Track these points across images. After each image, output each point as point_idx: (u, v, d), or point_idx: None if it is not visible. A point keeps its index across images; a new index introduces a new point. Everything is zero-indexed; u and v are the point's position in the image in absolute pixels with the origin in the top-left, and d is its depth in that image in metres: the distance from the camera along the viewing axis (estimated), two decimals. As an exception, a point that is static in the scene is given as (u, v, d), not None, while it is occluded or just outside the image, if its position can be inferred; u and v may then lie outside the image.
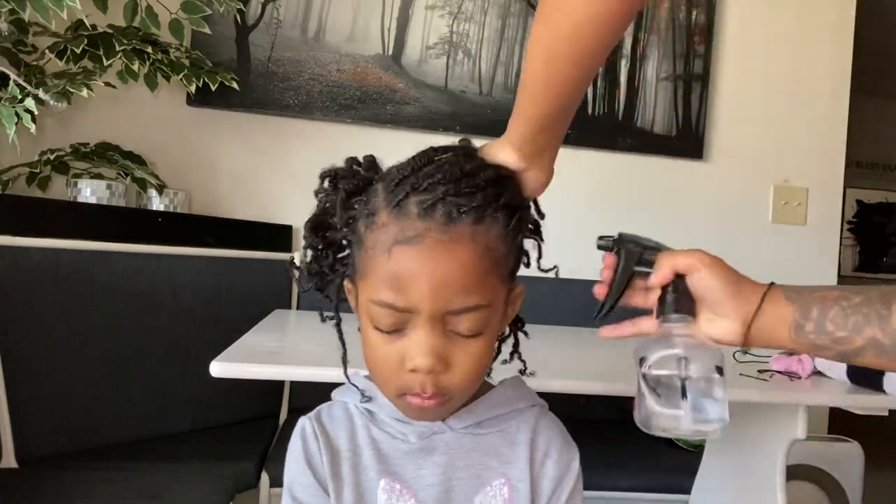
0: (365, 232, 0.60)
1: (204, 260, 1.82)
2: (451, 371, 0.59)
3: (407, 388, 0.60)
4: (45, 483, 1.33)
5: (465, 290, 0.57)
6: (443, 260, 0.57)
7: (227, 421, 1.81)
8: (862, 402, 1.08)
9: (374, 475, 0.65)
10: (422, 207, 0.57)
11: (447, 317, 0.58)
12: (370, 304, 0.59)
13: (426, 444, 0.66)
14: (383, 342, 0.60)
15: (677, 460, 1.74)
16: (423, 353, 0.58)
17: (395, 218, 0.58)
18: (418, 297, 0.57)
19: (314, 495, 0.64)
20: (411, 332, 0.58)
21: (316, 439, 0.66)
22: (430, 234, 0.57)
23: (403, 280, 0.57)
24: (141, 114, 2.06)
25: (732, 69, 2.37)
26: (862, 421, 1.14)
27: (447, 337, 0.59)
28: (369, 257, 0.59)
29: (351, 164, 0.66)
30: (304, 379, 0.96)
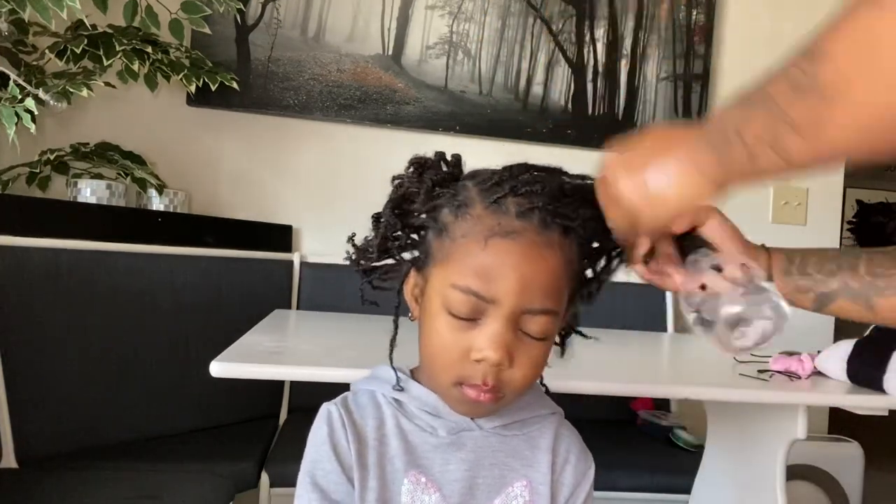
0: (454, 221, 0.63)
1: (204, 260, 1.82)
2: (513, 369, 0.61)
3: (467, 378, 0.61)
4: (45, 483, 1.33)
5: (546, 293, 0.61)
6: (534, 260, 0.60)
7: (227, 421, 1.81)
8: (862, 402, 1.08)
9: (400, 466, 0.65)
10: (521, 209, 0.61)
11: (523, 315, 0.60)
12: (449, 289, 0.61)
13: (455, 439, 0.66)
14: (452, 329, 0.61)
15: (677, 460, 1.74)
16: (495, 346, 0.59)
17: (491, 212, 0.61)
18: (504, 291, 0.59)
19: (337, 482, 0.63)
20: (485, 323, 0.60)
21: (343, 427, 0.65)
22: (527, 234, 0.60)
23: (494, 271, 0.59)
24: (141, 114, 2.06)
25: (732, 69, 2.37)
26: (862, 421, 1.14)
27: (516, 335, 0.61)
28: (458, 245, 0.62)
29: (439, 158, 0.68)
30: (304, 379, 0.96)
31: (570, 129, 2.25)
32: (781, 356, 1.20)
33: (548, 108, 2.24)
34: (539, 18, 2.24)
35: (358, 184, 2.14)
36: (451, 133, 2.17)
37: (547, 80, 2.25)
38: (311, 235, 2.16)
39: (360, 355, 0.81)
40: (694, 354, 1.63)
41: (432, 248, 0.64)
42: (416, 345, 0.66)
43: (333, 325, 1.62)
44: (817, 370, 1.17)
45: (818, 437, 2.08)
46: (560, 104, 2.25)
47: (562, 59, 2.26)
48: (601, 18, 2.27)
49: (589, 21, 2.26)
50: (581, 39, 2.27)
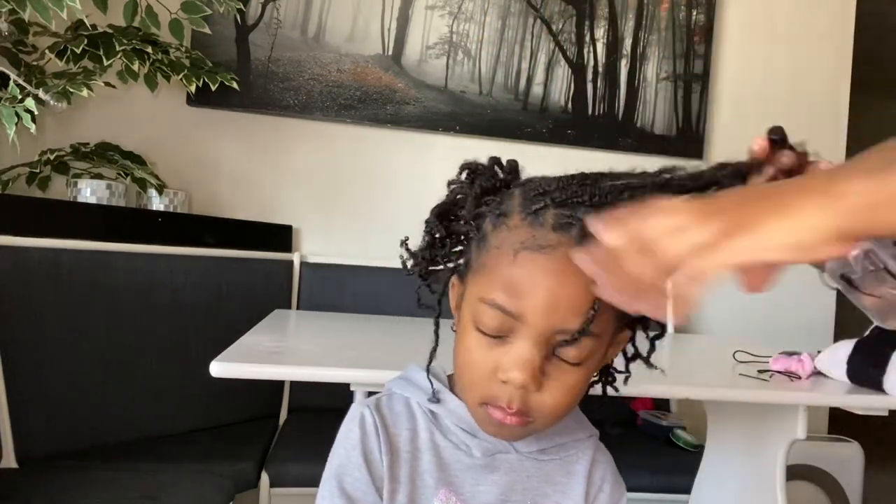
0: (492, 230, 0.59)
1: (204, 260, 1.82)
2: (542, 394, 0.57)
3: (492, 399, 0.58)
4: (45, 483, 1.33)
5: (578, 315, 0.55)
6: (568, 276, 0.54)
7: (227, 421, 1.81)
8: (862, 402, 1.08)
9: (431, 482, 0.63)
10: (559, 221, 0.55)
11: (554, 336, 0.56)
12: (478, 302, 0.57)
13: (489, 461, 0.64)
14: (480, 346, 0.58)
15: (677, 460, 1.74)
16: (520, 367, 0.55)
17: (528, 224, 0.56)
18: (532, 308, 0.55)
19: (365, 492, 0.61)
20: (513, 342, 0.56)
21: (377, 434, 0.63)
22: (562, 249, 0.54)
23: (522, 286, 0.55)
24: (141, 114, 2.06)
25: (732, 69, 2.37)
26: (862, 421, 1.14)
27: (548, 358, 0.57)
28: (491, 256, 0.58)
29: (493, 164, 0.64)
30: (304, 379, 0.96)
31: (570, 129, 2.25)
32: (781, 356, 1.20)
33: (548, 108, 2.24)
34: (539, 18, 2.24)
35: (358, 184, 2.14)
36: (451, 133, 2.17)
37: (547, 80, 2.25)
38: (311, 235, 2.16)
39: (360, 355, 0.81)
40: (694, 354, 1.63)
41: (471, 257, 0.61)
42: (448, 351, 0.63)
43: (333, 325, 1.62)
44: (817, 370, 1.17)
45: (818, 437, 2.08)
46: (560, 104, 2.25)
47: (562, 59, 2.26)
48: (601, 18, 2.27)
49: (589, 21, 2.26)
50: (581, 39, 2.27)
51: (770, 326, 2.31)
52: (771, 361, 1.20)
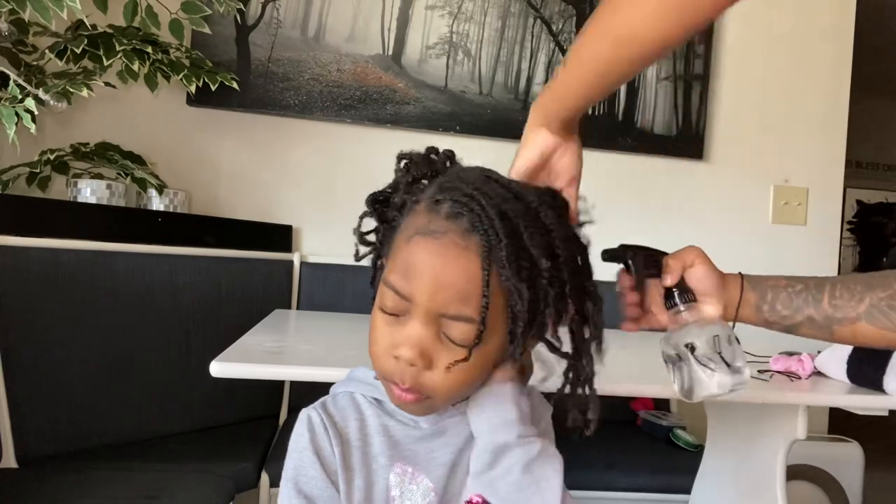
0: (404, 216, 0.64)
1: (204, 260, 1.82)
2: (432, 371, 0.60)
3: (388, 375, 0.62)
4: (45, 483, 1.33)
5: (462, 299, 0.58)
6: (451, 262, 0.58)
7: (227, 421, 1.81)
8: (862, 402, 1.08)
9: (385, 461, 0.65)
10: (452, 210, 0.59)
11: (442, 319, 0.59)
12: (382, 284, 0.62)
13: (437, 428, 0.67)
14: (383, 324, 0.62)
15: (677, 460, 1.74)
16: (408, 345, 0.59)
17: (427, 211, 0.61)
18: (419, 290, 0.59)
19: (321, 487, 0.64)
20: (406, 322, 0.60)
21: (325, 430, 0.65)
22: (449, 235, 0.59)
23: (412, 269, 0.59)
24: (141, 114, 2.06)
25: (732, 69, 2.37)
26: (862, 421, 1.14)
27: (438, 337, 0.60)
28: (395, 240, 0.63)
29: (428, 153, 0.68)
30: (304, 379, 0.96)
31: (570, 129, 2.25)
32: (781, 356, 1.20)
33: (548, 108, 2.24)
34: (539, 18, 2.24)
35: (358, 184, 2.12)
36: (451, 133, 2.17)
37: (547, 80, 2.24)
38: (311, 235, 2.16)
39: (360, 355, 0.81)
40: (694, 354, 1.62)
41: (390, 240, 0.66)
42: None
43: (333, 325, 1.62)
44: (817, 370, 1.17)
45: (818, 437, 2.08)
46: (560, 104, 2.25)
47: (562, 59, 2.25)
48: (601, 18, 2.27)
49: (589, 21, 2.26)
50: (581, 39, 2.26)
51: (770, 326, 2.31)
52: (771, 361, 1.20)
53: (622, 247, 0.79)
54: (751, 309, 0.80)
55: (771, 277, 0.80)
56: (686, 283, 0.77)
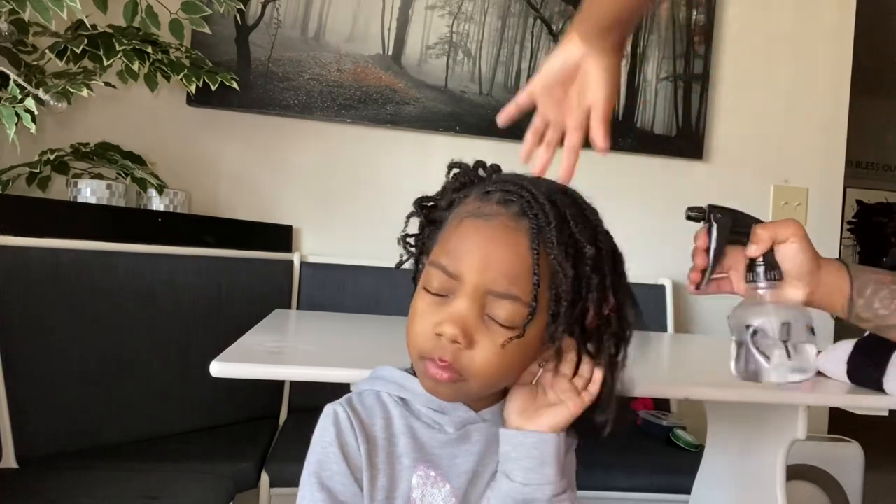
0: (452, 210, 0.66)
1: (204, 260, 1.82)
2: (472, 350, 0.61)
3: (427, 352, 0.62)
4: (45, 483, 1.33)
5: (511, 277, 0.60)
6: (502, 242, 0.61)
7: (227, 421, 1.81)
8: (862, 402, 1.08)
9: (409, 463, 0.65)
10: (503, 197, 0.63)
11: (488, 297, 0.60)
12: (428, 266, 0.64)
13: (462, 433, 0.67)
14: (426, 305, 0.63)
15: (677, 460, 1.74)
16: (452, 321, 0.60)
17: (477, 199, 0.64)
18: (468, 267, 0.60)
19: (345, 483, 0.63)
20: (452, 301, 0.61)
21: (351, 427, 0.65)
22: (500, 218, 0.62)
23: (462, 248, 0.61)
24: (141, 114, 2.06)
25: (732, 69, 2.37)
26: (862, 421, 1.14)
27: (481, 318, 0.61)
28: (446, 228, 0.65)
29: (477, 166, 0.70)
30: (304, 379, 0.96)
31: (570, 129, 2.25)
32: (781, 356, 1.20)
33: (548, 108, 2.24)
34: (539, 18, 2.24)
35: (358, 184, 2.14)
36: (451, 133, 2.17)
37: (547, 80, 2.24)
38: (311, 235, 2.16)
39: (360, 355, 0.81)
40: (694, 354, 1.63)
41: (436, 235, 0.67)
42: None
43: (333, 325, 1.62)
44: (817, 370, 1.17)
45: (818, 437, 2.08)
46: (560, 104, 2.25)
47: None
48: (601, 18, 2.27)
49: (589, 21, 2.26)
50: (581, 39, 2.26)
51: (770, 326, 2.31)
52: (771, 361, 1.20)
53: (710, 206, 0.76)
54: (842, 300, 0.73)
55: (874, 271, 0.74)
56: (775, 259, 0.72)
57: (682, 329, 2.27)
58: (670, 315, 2.21)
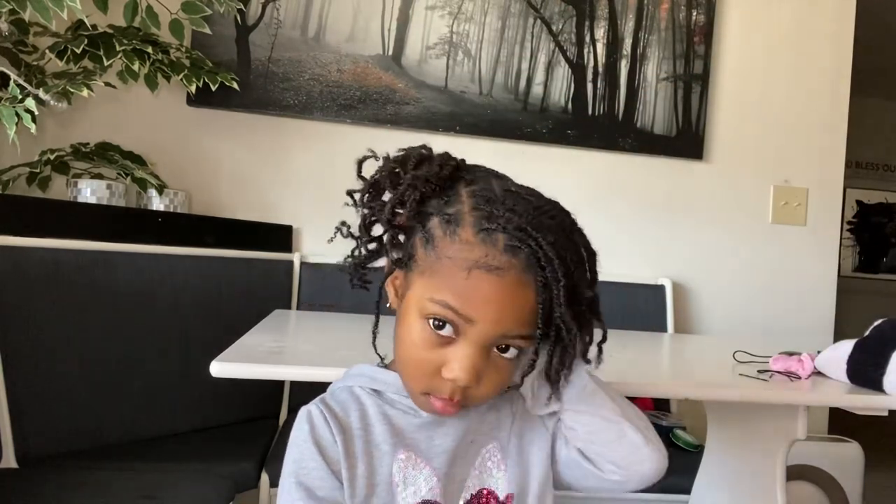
0: (442, 236, 0.63)
1: (204, 260, 1.82)
2: (479, 386, 0.64)
3: (435, 391, 0.64)
4: (45, 483, 1.33)
5: (523, 323, 0.63)
6: (516, 297, 0.61)
7: (227, 421, 1.81)
8: (862, 402, 1.07)
9: (388, 448, 0.67)
10: (508, 244, 0.61)
11: (497, 339, 0.63)
12: (429, 301, 0.62)
13: (436, 417, 0.69)
14: (427, 343, 0.63)
15: (677, 460, 1.72)
16: (465, 369, 0.62)
17: (480, 241, 0.62)
18: (481, 317, 0.61)
19: (322, 477, 0.65)
20: (459, 344, 0.62)
21: (325, 421, 0.67)
22: (512, 273, 0.61)
23: (475, 298, 0.61)
24: (141, 114, 2.06)
25: (732, 69, 2.37)
26: (862, 421, 1.14)
27: (487, 357, 0.63)
28: (443, 265, 0.63)
29: (422, 160, 0.69)
30: (304, 379, 0.96)
31: (570, 129, 2.25)
32: (781, 356, 1.20)
33: (548, 108, 2.24)
34: (539, 18, 2.24)
35: (358, 184, 2.13)
36: (451, 133, 2.17)
37: (547, 80, 2.25)
38: (311, 235, 2.16)
39: (360, 355, 0.81)
40: (694, 354, 1.63)
41: (417, 255, 0.66)
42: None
43: (333, 325, 1.62)
44: (817, 370, 1.17)
45: (818, 437, 2.08)
46: (560, 104, 2.25)
47: (562, 59, 2.26)
48: (601, 18, 2.27)
49: (589, 21, 2.27)
50: (581, 39, 2.27)
51: (770, 326, 2.31)
52: (771, 361, 1.20)
53: None
54: None
55: None
56: None
57: (682, 329, 2.27)
58: (670, 315, 2.21)
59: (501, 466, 0.71)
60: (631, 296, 2.19)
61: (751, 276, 2.35)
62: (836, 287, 2.40)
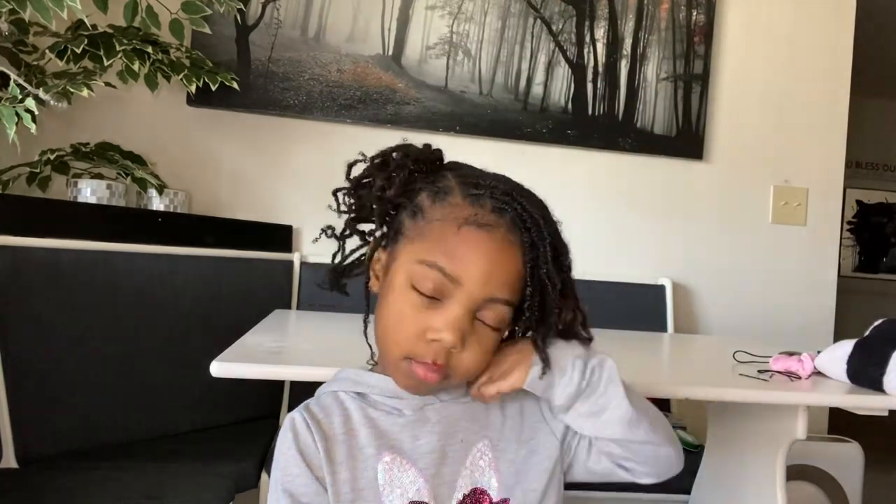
0: (431, 204, 0.66)
1: (204, 260, 1.82)
2: (463, 352, 0.64)
3: (418, 356, 0.64)
4: (45, 483, 1.33)
5: (509, 287, 0.64)
6: (503, 254, 0.63)
7: (227, 421, 1.81)
8: (862, 402, 1.08)
9: (372, 451, 0.67)
10: (496, 205, 0.64)
11: (483, 303, 0.63)
12: (417, 264, 0.64)
13: (420, 415, 0.69)
14: (413, 307, 0.64)
15: (677, 460, 1.73)
16: (451, 329, 0.62)
17: (469, 203, 0.65)
18: (470, 276, 0.62)
19: (305, 484, 0.65)
20: (446, 306, 0.63)
21: (308, 429, 0.67)
22: (500, 230, 0.64)
23: (464, 256, 0.63)
24: (141, 114, 2.06)
25: (732, 69, 2.37)
26: (862, 421, 1.14)
27: (472, 321, 0.64)
28: (433, 226, 0.65)
29: (428, 150, 0.73)
30: (304, 379, 0.96)
31: (570, 129, 2.25)
32: (781, 356, 1.20)
33: (548, 108, 2.24)
34: (539, 19, 2.24)
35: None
36: (451, 133, 2.17)
37: (547, 80, 2.25)
38: (311, 235, 2.14)
39: (360, 355, 0.81)
40: (694, 354, 1.63)
41: (404, 226, 0.67)
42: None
43: (333, 325, 1.62)
44: (817, 370, 1.17)
45: (818, 437, 2.08)
46: (560, 104, 2.25)
47: (562, 59, 2.26)
48: (601, 18, 2.27)
49: (589, 21, 2.27)
50: (581, 39, 2.27)
51: (770, 326, 2.31)
52: (771, 361, 1.20)
53: None
54: None
55: None
56: None
57: (682, 329, 2.27)
58: (670, 315, 2.21)
59: (493, 465, 0.70)
60: (631, 296, 2.19)
61: (751, 276, 2.35)
62: (836, 287, 2.40)
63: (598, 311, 0.74)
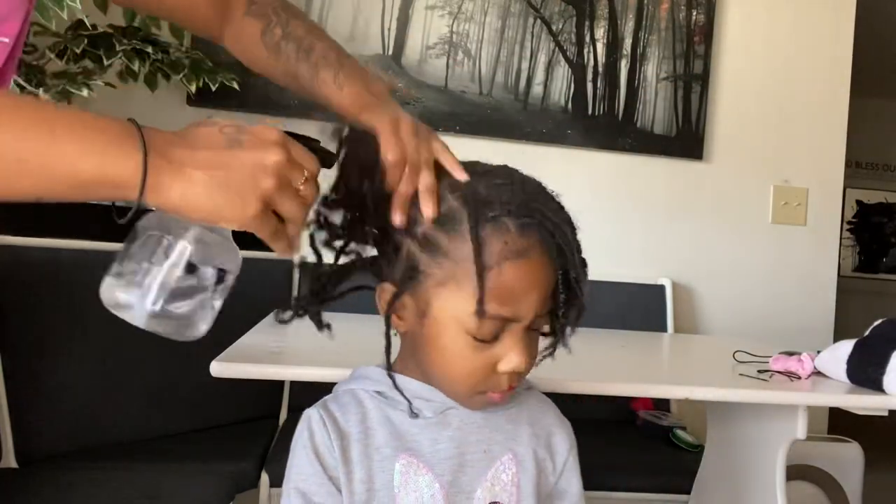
0: (447, 240, 0.61)
1: (204, 260, 1.82)
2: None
3: (493, 388, 0.64)
4: (45, 483, 1.33)
5: (550, 298, 0.64)
6: (544, 274, 0.62)
7: (227, 421, 1.81)
8: (862, 402, 1.08)
9: (389, 453, 0.66)
10: (519, 224, 0.61)
11: (535, 320, 0.64)
12: (469, 316, 0.60)
13: (441, 418, 0.68)
14: (475, 350, 0.62)
15: (677, 460, 1.74)
16: (524, 356, 0.63)
17: (491, 232, 0.60)
18: (526, 308, 0.62)
19: (318, 483, 0.64)
20: (507, 335, 0.63)
21: (324, 426, 0.66)
22: (534, 252, 0.61)
23: (514, 292, 0.61)
24: (141, 114, 2.03)
25: (732, 69, 2.37)
26: (862, 421, 1.14)
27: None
28: (464, 270, 0.60)
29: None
30: (304, 379, 0.96)
31: (570, 129, 2.25)
32: (781, 356, 1.20)
33: (548, 108, 2.24)
34: (539, 18, 2.24)
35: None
36: (451, 133, 2.17)
37: (547, 80, 2.25)
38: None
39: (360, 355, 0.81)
40: (694, 354, 1.63)
41: (420, 263, 0.63)
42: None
43: (333, 325, 1.62)
44: (817, 370, 1.17)
45: (818, 437, 2.08)
46: (560, 104, 2.25)
47: (562, 59, 2.26)
48: (601, 18, 2.27)
49: (589, 21, 2.27)
50: (581, 39, 2.27)
51: (770, 326, 2.31)
52: (771, 361, 1.20)
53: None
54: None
55: None
56: None
57: (682, 329, 2.28)
58: (670, 315, 2.21)
59: (516, 481, 0.68)
60: (631, 296, 2.19)
61: (751, 276, 2.35)
62: (836, 287, 2.41)
63: (598, 310, 0.74)
